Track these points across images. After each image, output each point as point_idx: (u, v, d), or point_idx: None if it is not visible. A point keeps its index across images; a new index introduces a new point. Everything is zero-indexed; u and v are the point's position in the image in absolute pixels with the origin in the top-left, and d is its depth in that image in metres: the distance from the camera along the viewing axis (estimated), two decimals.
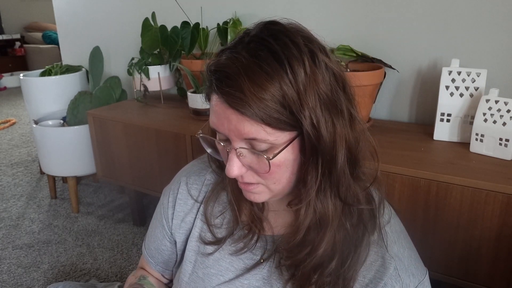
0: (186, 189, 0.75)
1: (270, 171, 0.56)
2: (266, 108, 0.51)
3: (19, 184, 2.54)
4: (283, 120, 0.52)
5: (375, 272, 0.60)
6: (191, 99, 1.68)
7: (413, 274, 0.61)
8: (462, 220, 1.08)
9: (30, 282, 1.65)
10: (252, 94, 0.50)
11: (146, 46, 1.94)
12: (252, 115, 0.51)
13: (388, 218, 0.64)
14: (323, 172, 0.55)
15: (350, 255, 0.59)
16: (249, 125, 0.52)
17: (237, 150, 0.55)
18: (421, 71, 1.53)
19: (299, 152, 0.56)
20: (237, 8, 1.88)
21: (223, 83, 0.52)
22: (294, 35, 0.54)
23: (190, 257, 0.72)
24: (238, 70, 0.51)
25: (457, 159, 1.18)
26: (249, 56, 0.52)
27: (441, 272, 1.15)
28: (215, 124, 0.56)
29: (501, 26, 1.36)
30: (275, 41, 0.53)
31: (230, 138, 0.55)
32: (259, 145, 0.54)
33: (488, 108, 1.19)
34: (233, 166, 0.56)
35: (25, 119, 3.95)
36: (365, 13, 1.59)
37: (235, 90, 0.51)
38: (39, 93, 2.27)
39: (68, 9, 2.62)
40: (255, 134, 0.53)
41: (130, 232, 1.99)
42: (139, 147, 1.75)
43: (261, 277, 0.66)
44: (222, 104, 0.53)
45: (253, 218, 0.68)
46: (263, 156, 0.54)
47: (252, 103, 0.50)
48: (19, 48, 5.83)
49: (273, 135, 0.53)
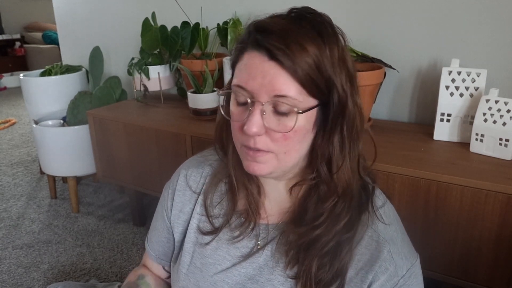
0: (185, 180, 0.78)
1: (286, 136, 0.58)
2: (305, 65, 0.54)
3: (19, 184, 2.54)
4: (316, 83, 0.56)
5: (370, 255, 0.62)
6: (191, 99, 1.68)
7: (406, 257, 0.64)
8: (462, 220, 1.08)
9: (30, 282, 1.65)
10: (296, 49, 0.54)
11: (146, 46, 1.94)
12: (291, 68, 0.54)
13: (382, 203, 0.67)
14: (348, 140, 0.60)
15: (347, 232, 0.61)
16: (284, 80, 0.55)
17: (263, 107, 0.57)
18: (421, 71, 1.53)
19: (313, 125, 0.59)
20: (237, 8, 1.88)
21: (268, 37, 0.55)
22: (328, 18, 0.60)
23: (189, 249, 0.74)
24: (283, 28, 0.56)
25: (457, 159, 1.18)
26: (292, 22, 0.57)
27: (441, 272, 1.15)
28: (244, 81, 0.58)
29: (501, 26, 1.36)
30: (314, 18, 0.58)
31: (258, 95, 0.57)
32: (283, 106, 0.56)
33: (488, 108, 1.19)
34: (254, 122, 0.57)
35: (25, 119, 3.95)
36: (365, 13, 1.59)
37: (280, 43, 0.54)
38: (39, 93, 2.27)
39: (68, 9, 2.62)
40: (286, 91, 0.55)
41: (130, 232, 1.99)
42: (139, 147, 1.75)
43: (258, 265, 0.68)
44: (261, 58, 0.56)
45: (250, 205, 0.70)
46: (285, 117, 0.57)
47: (294, 57, 0.54)
48: (19, 48, 5.83)
49: (302, 96, 0.56)
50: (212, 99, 1.66)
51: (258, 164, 0.61)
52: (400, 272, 0.62)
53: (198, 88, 1.70)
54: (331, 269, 0.60)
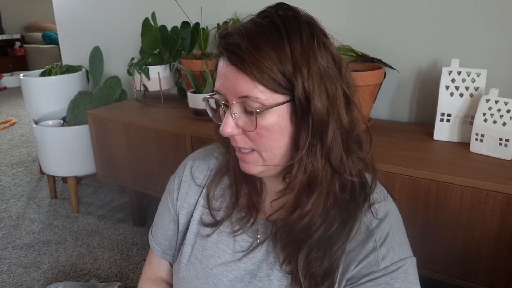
0: (190, 171, 0.79)
1: (260, 134, 0.59)
2: (260, 65, 0.56)
3: (19, 184, 2.54)
4: (276, 80, 0.56)
5: (356, 245, 0.62)
6: (191, 99, 1.68)
7: (393, 249, 0.62)
8: (462, 220, 1.08)
9: (30, 282, 1.65)
10: (249, 52, 0.56)
11: (146, 46, 1.94)
12: (247, 70, 0.56)
13: (380, 198, 0.66)
14: (313, 134, 0.59)
15: (338, 226, 0.61)
16: (244, 81, 0.57)
17: (231, 108, 0.60)
18: (421, 71, 1.53)
19: (289, 120, 0.60)
20: (237, 8, 1.88)
21: (226, 42, 0.59)
22: (297, 12, 0.60)
23: (190, 240, 0.75)
24: (240, 32, 0.58)
25: (457, 159, 1.18)
26: (252, 24, 0.59)
27: (441, 272, 1.15)
28: (217, 87, 0.62)
29: (501, 26, 1.36)
30: (277, 14, 0.59)
31: (228, 98, 0.60)
32: (251, 105, 0.58)
33: (488, 108, 1.19)
34: (226, 124, 0.60)
35: (25, 119, 3.95)
36: (365, 13, 1.59)
37: (235, 47, 0.57)
38: (39, 93, 2.27)
39: (68, 9, 2.62)
40: (248, 92, 0.57)
41: (130, 232, 1.99)
42: (139, 147, 1.75)
43: (257, 260, 0.69)
44: (224, 63, 0.59)
45: (251, 201, 0.71)
46: (253, 115, 0.58)
47: (248, 59, 0.56)
48: (19, 48, 5.84)
49: (265, 94, 0.57)
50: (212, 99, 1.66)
51: (248, 164, 0.64)
52: (382, 263, 0.60)
53: (198, 88, 1.70)
54: (322, 264, 0.61)
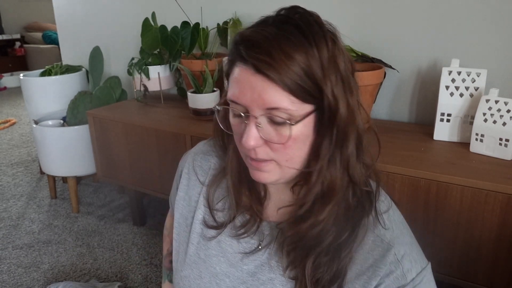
0: (192, 165, 0.78)
1: (286, 145, 0.57)
2: (292, 74, 0.52)
3: (19, 184, 2.54)
4: (307, 89, 0.54)
5: (373, 260, 0.60)
6: (191, 99, 1.68)
7: (415, 260, 0.61)
8: (462, 220, 1.08)
9: (30, 282, 1.65)
10: (281, 60, 0.52)
11: (146, 46, 1.94)
12: (278, 80, 0.52)
13: (386, 207, 0.65)
14: (336, 144, 0.58)
15: (348, 234, 0.60)
16: (274, 92, 0.53)
17: (257, 120, 0.56)
18: (421, 71, 1.53)
19: (313, 129, 0.58)
20: (237, 8, 1.88)
21: (252, 50, 0.54)
22: (317, 17, 0.57)
23: (194, 239, 0.74)
24: (266, 38, 0.53)
25: (457, 159, 1.18)
26: (276, 29, 0.54)
27: (441, 272, 1.15)
28: (235, 96, 0.56)
29: (501, 26, 1.36)
30: (300, 19, 0.56)
31: (250, 108, 0.55)
32: (278, 116, 0.55)
33: (488, 108, 1.19)
34: (250, 136, 0.56)
35: (25, 119, 3.95)
36: (365, 13, 1.59)
37: (264, 55, 0.53)
38: (39, 93, 2.27)
39: (68, 9, 2.62)
40: (278, 103, 0.54)
41: (130, 232, 1.99)
42: (139, 147, 1.75)
43: (259, 263, 0.68)
44: (248, 71, 0.55)
45: (254, 204, 0.70)
46: (281, 126, 0.56)
47: (280, 68, 0.52)
48: (19, 48, 5.84)
49: (295, 105, 0.54)
50: (212, 99, 1.66)
51: (263, 173, 0.61)
52: (409, 275, 0.59)
53: (198, 88, 1.70)
54: (329, 270, 0.60)
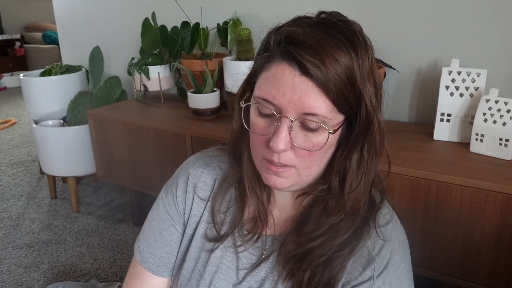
0: (193, 182, 0.73)
1: (312, 153, 0.55)
2: (337, 81, 0.51)
3: (19, 184, 2.54)
4: (347, 98, 0.53)
5: (353, 270, 0.60)
6: (191, 99, 1.68)
7: (390, 283, 0.59)
8: (462, 220, 1.08)
9: (30, 282, 1.65)
10: (330, 64, 0.51)
11: (146, 46, 1.94)
12: (324, 85, 0.51)
13: (386, 221, 0.64)
14: (367, 159, 0.57)
15: (346, 244, 0.59)
16: (315, 97, 0.52)
17: (292, 123, 0.54)
18: (421, 71, 1.53)
19: (338, 140, 0.57)
20: (237, 8, 1.88)
21: (301, 49, 0.52)
22: (360, 28, 0.56)
23: (194, 254, 0.72)
24: (318, 42, 0.52)
25: (457, 159, 1.18)
26: (324, 33, 0.53)
27: (441, 272, 1.15)
28: (271, 95, 0.54)
29: (501, 26, 1.36)
30: (346, 27, 0.55)
31: (286, 110, 0.54)
32: (312, 121, 0.54)
33: (488, 108, 1.19)
34: (281, 139, 0.54)
35: (25, 119, 3.94)
36: (365, 13, 1.59)
37: (314, 57, 0.51)
38: (39, 93, 2.27)
39: (68, 9, 2.62)
40: (317, 109, 0.52)
41: (130, 232, 1.99)
42: (139, 147, 1.75)
43: (260, 278, 0.67)
44: (292, 72, 0.53)
45: (259, 213, 0.67)
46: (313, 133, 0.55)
47: (328, 73, 0.51)
48: (19, 48, 5.83)
49: (332, 114, 0.53)
50: (212, 99, 1.66)
51: (280, 178, 0.59)
52: None
53: (198, 88, 1.70)
54: (321, 279, 0.59)
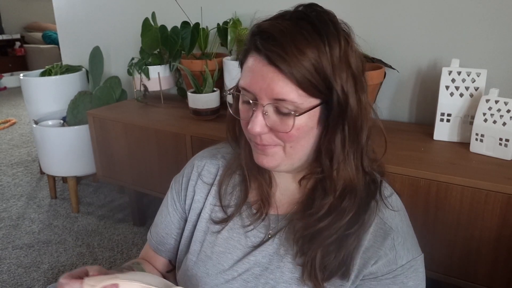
0: (198, 171, 0.79)
1: (290, 133, 0.60)
2: (302, 69, 0.56)
3: (19, 184, 2.54)
4: (315, 85, 0.57)
5: (374, 241, 0.64)
6: (191, 99, 1.68)
7: (408, 249, 0.65)
8: (462, 220, 1.08)
9: (30, 282, 1.65)
10: (293, 54, 0.55)
11: (146, 46, 1.94)
12: (289, 73, 0.56)
13: (389, 193, 0.69)
14: (349, 139, 0.61)
15: (356, 221, 0.63)
16: (283, 84, 0.57)
17: (264, 108, 0.59)
18: (421, 71, 1.53)
19: (317, 122, 0.61)
20: (237, 8, 1.88)
21: (267, 41, 0.57)
22: (333, 16, 0.61)
23: (199, 237, 0.75)
24: (282, 32, 0.57)
25: (457, 159, 1.18)
26: (292, 24, 0.57)
27: (441, 272, 1.15)
28: (247, 84, 0.60)
29: (501, 26, 1.36)
30: (316, 17, 0.59)
31: (259, 97, 0.59)
32: (284, 107, 0.58)
33: (488, 108, 1.19)
34: (256, 123, 0.60)
35: (25, 119, 3.95)
36: (365, 13, 1.59)
37: (278, 48, 0.56)
38: (39, 93, 2.27)
39: (68, 9, 2.62)
40: (285, 95, 0.57)
41: (130, 232, 1.99)
42: (139, 147, 1.75)
43: (267, 253, 0.69)
44: (261, 62, 0.58)
45: (262, 196, 0.72)
46: (287, 117, 0.59)
47: (292, 62, 0.55)
48: (19, 48, 5.83)
49: (301, 98, 0.58)
50: (212, 99, 1.66)
51: (266, 157, 0.64)
52: (399, 261, 0.63)
53: (198, 88, 1.70)
54: (337, 257, 0.62)
